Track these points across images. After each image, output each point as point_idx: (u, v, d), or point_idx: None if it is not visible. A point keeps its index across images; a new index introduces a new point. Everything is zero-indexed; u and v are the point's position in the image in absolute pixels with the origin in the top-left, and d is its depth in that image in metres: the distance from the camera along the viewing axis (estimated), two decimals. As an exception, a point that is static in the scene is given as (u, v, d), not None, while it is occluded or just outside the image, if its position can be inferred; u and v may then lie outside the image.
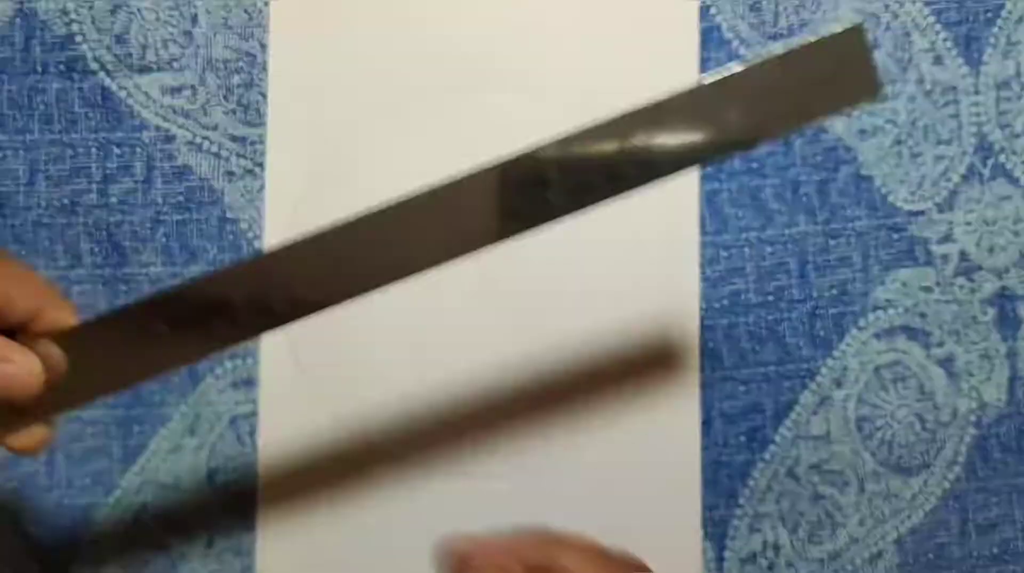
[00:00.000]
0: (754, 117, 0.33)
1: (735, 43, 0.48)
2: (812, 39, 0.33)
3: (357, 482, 0.47)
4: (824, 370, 0.48)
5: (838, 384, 0.48)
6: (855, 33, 0.33)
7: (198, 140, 0.48)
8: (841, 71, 0.33)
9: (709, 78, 0.33)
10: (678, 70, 0.48)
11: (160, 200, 0.48)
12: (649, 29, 0.48)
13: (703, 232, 0.48)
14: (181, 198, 0.48)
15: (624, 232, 0.47)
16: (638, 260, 0.47)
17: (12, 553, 0.47)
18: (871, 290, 0.48)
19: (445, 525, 0.46)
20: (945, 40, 0.49)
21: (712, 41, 0.48)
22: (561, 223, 0.35)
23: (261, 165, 0.48)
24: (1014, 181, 0.48)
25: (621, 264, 0.47)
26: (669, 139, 0.33)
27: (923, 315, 0.48)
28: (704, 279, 0.47)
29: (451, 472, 0.47)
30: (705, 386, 0.47)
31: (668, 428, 0.47)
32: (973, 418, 0.48)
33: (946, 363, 0.48)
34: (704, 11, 0.48)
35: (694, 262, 0.47)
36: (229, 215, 0.48)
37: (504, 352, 0.47)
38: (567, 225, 0.35)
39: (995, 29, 0.49)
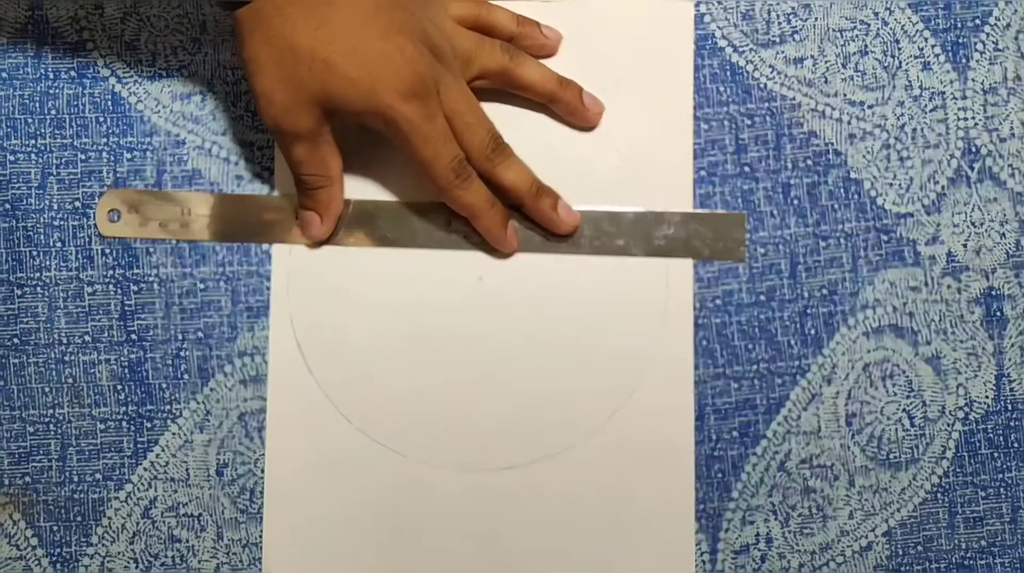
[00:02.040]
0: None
1: (728, 51, 0.49)
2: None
3: (363, 477, 0.47)
4: (814, 367, 0.48)
5: (828, 381, 0.48)
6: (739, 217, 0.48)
7: (207, 145, 0.48)
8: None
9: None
10: (673, 76, 0.49)
11: (170, 203, 0.48)
12: (644, 36, 0.49)
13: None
14: (190, 201, 0.48)
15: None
16: (636, 260, 0.48)
17: (23, 547, 0.47)
18: (860, 290, 0.48)
19: (447, 518, 0.47)
20: (933, 46, 0.49)
21: (706, 48, 0.49)
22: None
23: (270, 170, 0.48)
24: (1000, 184, 0.49)
25: (618, 264, 0.48)
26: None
27: (911, 314, 0.48)
28: (698, 279, 0.48)
29: (452, 466, 0.47)
30: (699, 383, 0.48)
31: (663, 424, 0.47)
32: (961, 414, 0.48)
33: (934, 361, 0.48)
34: (699, 19, 0.49)
35: (688, 262, 0.48)
36: (237, 217, 0.48)
37: (503, 350, 0.47)
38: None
39: (982, 35, 0.49)
